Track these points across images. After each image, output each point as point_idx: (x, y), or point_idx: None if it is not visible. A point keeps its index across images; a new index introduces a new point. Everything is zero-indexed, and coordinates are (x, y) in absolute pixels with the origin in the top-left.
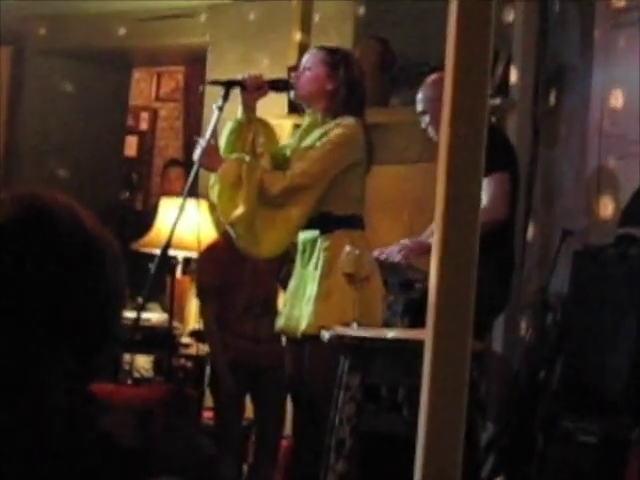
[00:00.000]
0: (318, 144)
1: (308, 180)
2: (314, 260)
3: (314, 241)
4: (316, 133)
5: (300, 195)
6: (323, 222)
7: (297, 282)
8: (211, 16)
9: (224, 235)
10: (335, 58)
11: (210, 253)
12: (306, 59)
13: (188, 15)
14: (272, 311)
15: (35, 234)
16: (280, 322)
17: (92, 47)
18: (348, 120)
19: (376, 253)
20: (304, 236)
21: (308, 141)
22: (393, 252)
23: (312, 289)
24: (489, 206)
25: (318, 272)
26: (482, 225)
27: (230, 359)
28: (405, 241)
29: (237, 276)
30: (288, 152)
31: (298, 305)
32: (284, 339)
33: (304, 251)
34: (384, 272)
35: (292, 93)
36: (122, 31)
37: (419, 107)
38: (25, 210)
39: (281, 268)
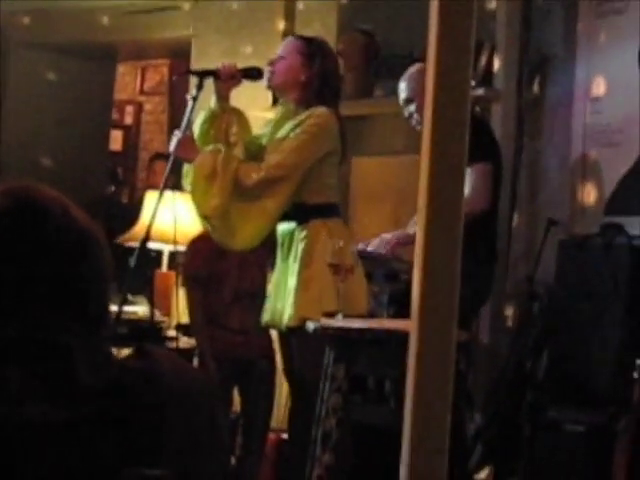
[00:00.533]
0: (292, 135)
1: (283, 171)
2: (293, 252)
3: (291, 232)
4: (289, 124)
5: (275, 187)
6: (298, 213)
7: (278, 275)
8: (194, 8)
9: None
10: (311, 48)
11: (198, 243)
12: (282, 48)
13: (172, 8)
14: (260, 303)
15: (28, 225)
16: (266, 316)
17: (76, 41)
18: (321, 110)
19: (360, 246)
20: (281, 228)
21: (282, 132)
22: (378, 247)
23: (292, 281)
24: (470, 197)
25: (297, 263)
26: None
27: (217, 351)
28: (386, 235)
29: (224, 267)
30: (264, 141)
31: (281, 298)
32: (275, 332)
33: (282, 243)
34: (368, 264)
35: (266, 81)
36: (106, 24)
37: (402, 95)
38: (17, 202)
39: (268, 259)
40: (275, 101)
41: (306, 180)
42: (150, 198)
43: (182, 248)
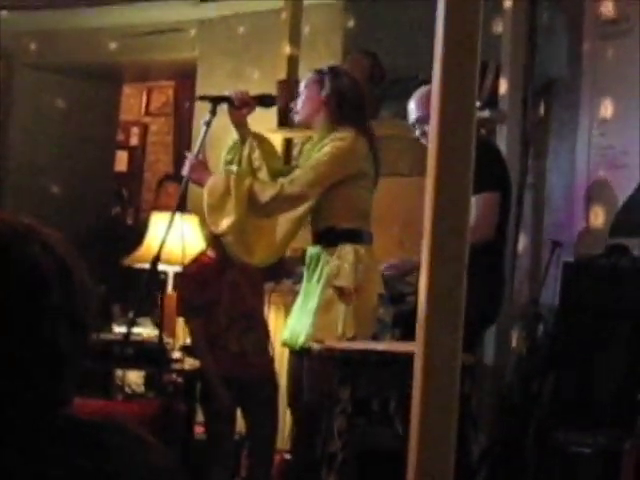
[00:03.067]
0: (315, 156)
1: (298, 188)
2: (317, 274)
3: (319, 255)
4: (316, 148)
5: (291, 203)
6: (327, 236)
7: (302, 296)
8: (200, 31)
9: (214, 248)
10: (321, 74)
11: (190, 270)
12: (301, 86)
13: (177, 30)
14: (257, 324)
15: None
16: (285, 335)
17: (82, 62)
18: (346, 132)
19: (384, 266)
20: (310, 251)
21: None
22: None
23: (313, 302)
24: (475, 226)
25: (320, 286)
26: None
27: (221, 376)
28: (393, 260)
29: (216, 293)
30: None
31: (301, 318)
32: (287, 352)
33: (309, 266)
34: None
35: (294, 121)
36: (112, 46)
37: (414, 115)
38: None
39: (265, 280)
40: (281, 123)
41: (334, 203)
42: (156, 219)
43: (177, 269)
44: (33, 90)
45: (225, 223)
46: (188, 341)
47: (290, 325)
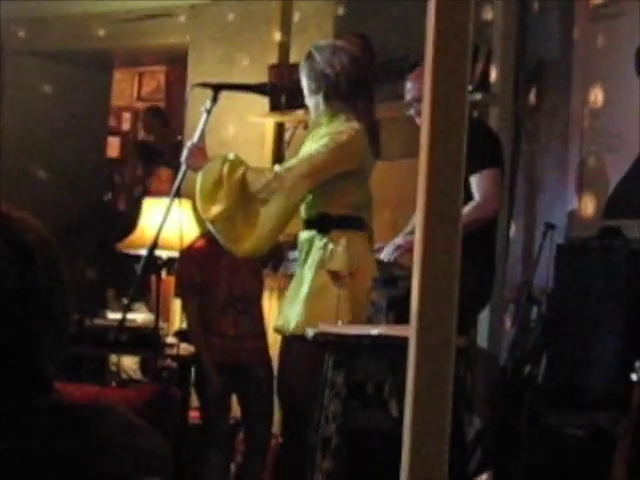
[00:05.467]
0: (314, 146)
1: (291, 179)
2: (309, 259)
3: (311, 240)
4: (318, 132)
5: (282, 193)
6: (321, 222)
7: (294, 282)
8: (191, 16)
9: (207, 233)
10: (308, 57)
11: (190, 251)
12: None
13: (168, 15)
14: (254, 309)
15: None
16: (278, 321)
17: (72, 48)
18: (349, 125)
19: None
20: (303, 236)
21: (309, 141)
22: (388, 253)
23: (304, 288)
24: (482, 202)
25: (311, 272)
26: (475, 221)
27: (217, 361)
28: (398, 240)
29: (216, 274)
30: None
31: (293, 304)
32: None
33: (302, 251)
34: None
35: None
36: (102, 32)
37: (411, 94)
38: None
39: (266, 264)
40: (273, 107)
41: (328, 193)
42: (148, 205)
43: (175, 254)
44: (24, 77)
45: (214, 210)
46: (184, 326)
47: (283, 311)
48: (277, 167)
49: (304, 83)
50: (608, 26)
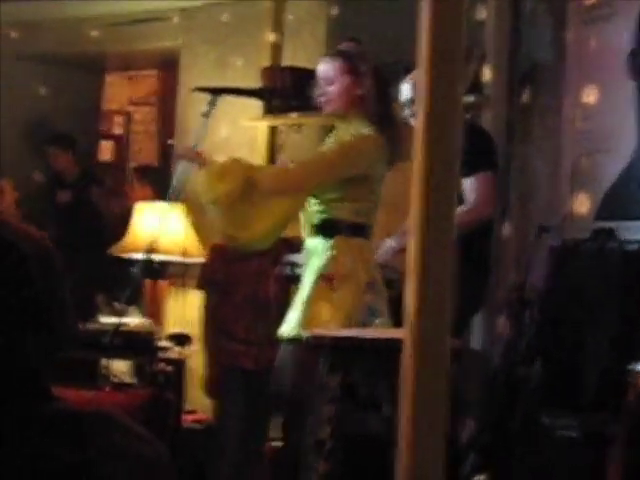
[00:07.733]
0: (331, 146)
1: (298, 178)
2: (311, 266)
3: (316, 247)
4: (336, 135)
5: (288, 190)
6: (325, 228)
7: (300, 288)
8: (183, 19)
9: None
10: (350, 60)
11: (219, 248)
12: (324, 72)
13: (160, 18)
14: (270, 316)
15: None
16: (282, 327)
17: (64, 52)
18: (364, 132)
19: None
20: (310, 243)
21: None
22: (380, 255)
23: (304, 293)
24: (475, 205)
25: (313, 276)
26: (468, 224)
27: (220, 360)
28: (391, 242)
29: (240, 272)
30: None
31: (295, 310)
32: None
33: (308, 257)
34: None
35: (326, 107)
36: (94, 35)
37: (407, 95)
38: None
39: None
40: (268, 111)
41: (335, 200)
42: (139, 210)
43: (174, 258)
44: (15, 80)
45: (220, 189)
46: (176, 330)
47: (287, 317)
48: (286, 164)
49: (342, 96)
50: (600, 28)
